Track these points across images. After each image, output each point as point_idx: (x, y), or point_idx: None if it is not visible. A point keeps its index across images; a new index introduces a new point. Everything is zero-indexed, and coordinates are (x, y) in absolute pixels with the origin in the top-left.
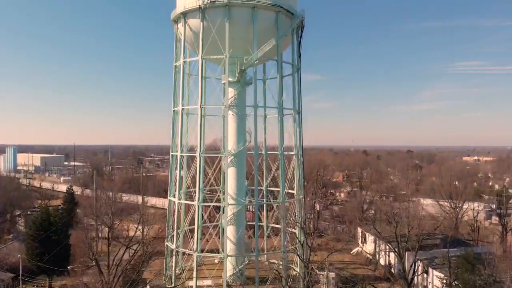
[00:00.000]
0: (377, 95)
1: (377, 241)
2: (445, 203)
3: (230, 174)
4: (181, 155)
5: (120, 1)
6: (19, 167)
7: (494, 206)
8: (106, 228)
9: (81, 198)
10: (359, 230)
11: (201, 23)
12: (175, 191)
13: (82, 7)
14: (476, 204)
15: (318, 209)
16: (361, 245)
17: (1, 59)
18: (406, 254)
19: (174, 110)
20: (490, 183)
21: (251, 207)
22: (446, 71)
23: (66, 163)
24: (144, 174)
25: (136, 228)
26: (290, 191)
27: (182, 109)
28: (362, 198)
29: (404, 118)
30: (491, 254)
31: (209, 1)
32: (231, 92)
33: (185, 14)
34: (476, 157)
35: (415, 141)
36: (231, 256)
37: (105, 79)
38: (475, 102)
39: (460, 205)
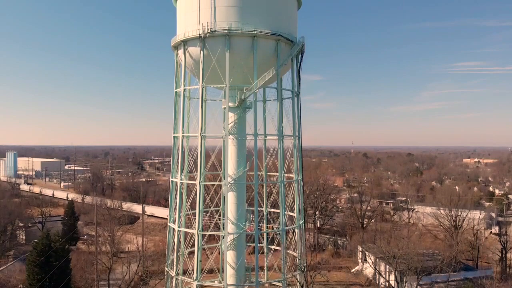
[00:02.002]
0: (377, 95)
1: (377, 262)
2: (445, 212)
3: (230, 199)
4: (181, 182)
5: (124, 11)
6: (19, 172)
7: (494, 214)
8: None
9: (82, 207)
10: (359, 248)
11: (201, 51)
12: (175, 214)
13: (86, 15)
14: (476, 213)
15: (318, 226)
16: (361, 264)
17: (11, 62)
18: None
19: (174, 136)
20: (491, 188)
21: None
22: (446, 71)
23: (66, 167)
24: (144, 179)
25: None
26: (291, 213)
27: (183, 136)
28: (362, 212)
29: (404, 119)
30: (491, 279)
31: (209, 31)
32: (231, 116)
33: (185, 42)
34: (476, 159)
35: (416, 142)
36: (231, 286)
37: (105, 81)
38: (475, 102)
39: (460, 223)
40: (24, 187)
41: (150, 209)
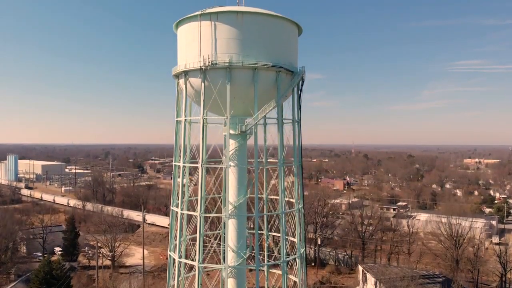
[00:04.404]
0: (378, 94)
1: (378, 284)
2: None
3: (231, 226)
4: (181, 213)
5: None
6: (20, 175)
7: (494, 223)
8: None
9: (83, 214)
10: (360, 268)
11: (203, 83)
12: (175, 240)
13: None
14: (477, 222)
15: (319, 243)
16: (361, 284)
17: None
18: None
19: (175, 165)
20: (491, 191)
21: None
22: (447, 70)
23: (67, 170)
24: (144, 183)
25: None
26: (292, 238)
27: (184, 166)
28: (362, 230)
29: (405, 118)
30: None
31: (210, 63)
32: (232, 144)
33: (186, 73)
34: (477, 159)
35: (416, 141)
36: None
37: (106, 80)
38: (476, 101)
39: (461, 241)
40: (25, 191)
41: (151, 218)
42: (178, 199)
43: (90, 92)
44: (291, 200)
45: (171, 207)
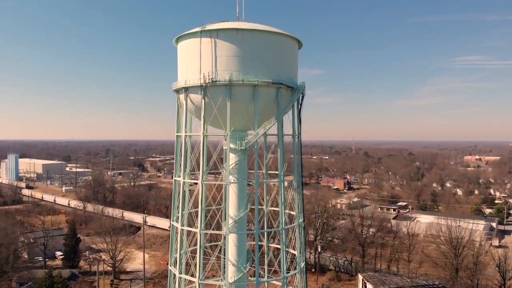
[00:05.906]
0: (378, 90)
1: None
2: (445, 221)
3: (231, 240)
4: (181, 228)
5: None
6: (21, 174)
7: (494, 224)
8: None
9: (84, 215)
10: (360, 277)
11: (203, 100)
12: (176, 254)
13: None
14: (477, 224)
15: (319, 250)
16: None
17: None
18: None
19: (175, 180)
20: (492, 191)
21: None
22: (448, 66)
23: (67, 168)
24: (144, 183)
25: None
26: (292, 251)
27: (184, 182)
28: (363, 236)
29: (405, 114)
30: None
31: (210, 81)
32: (232, 158)
33: (186, 89)
34: (477, 156)
35: (417, 137)
36: None
37: (107, 77)
38: (477, 97)
39: (460, 250)
40: (25, 191)
41: (152, 220)
42: (178, 213)
43: (90, 90)
44: (292, 212)
45: (171, 222)
